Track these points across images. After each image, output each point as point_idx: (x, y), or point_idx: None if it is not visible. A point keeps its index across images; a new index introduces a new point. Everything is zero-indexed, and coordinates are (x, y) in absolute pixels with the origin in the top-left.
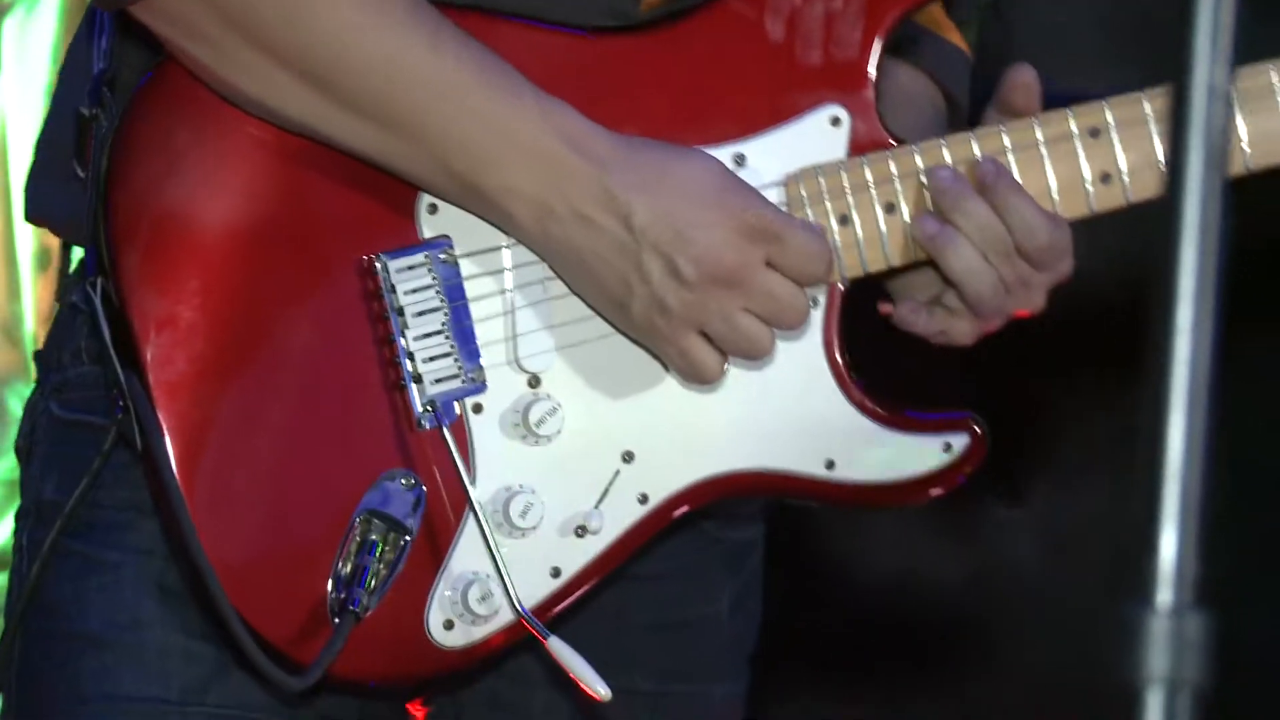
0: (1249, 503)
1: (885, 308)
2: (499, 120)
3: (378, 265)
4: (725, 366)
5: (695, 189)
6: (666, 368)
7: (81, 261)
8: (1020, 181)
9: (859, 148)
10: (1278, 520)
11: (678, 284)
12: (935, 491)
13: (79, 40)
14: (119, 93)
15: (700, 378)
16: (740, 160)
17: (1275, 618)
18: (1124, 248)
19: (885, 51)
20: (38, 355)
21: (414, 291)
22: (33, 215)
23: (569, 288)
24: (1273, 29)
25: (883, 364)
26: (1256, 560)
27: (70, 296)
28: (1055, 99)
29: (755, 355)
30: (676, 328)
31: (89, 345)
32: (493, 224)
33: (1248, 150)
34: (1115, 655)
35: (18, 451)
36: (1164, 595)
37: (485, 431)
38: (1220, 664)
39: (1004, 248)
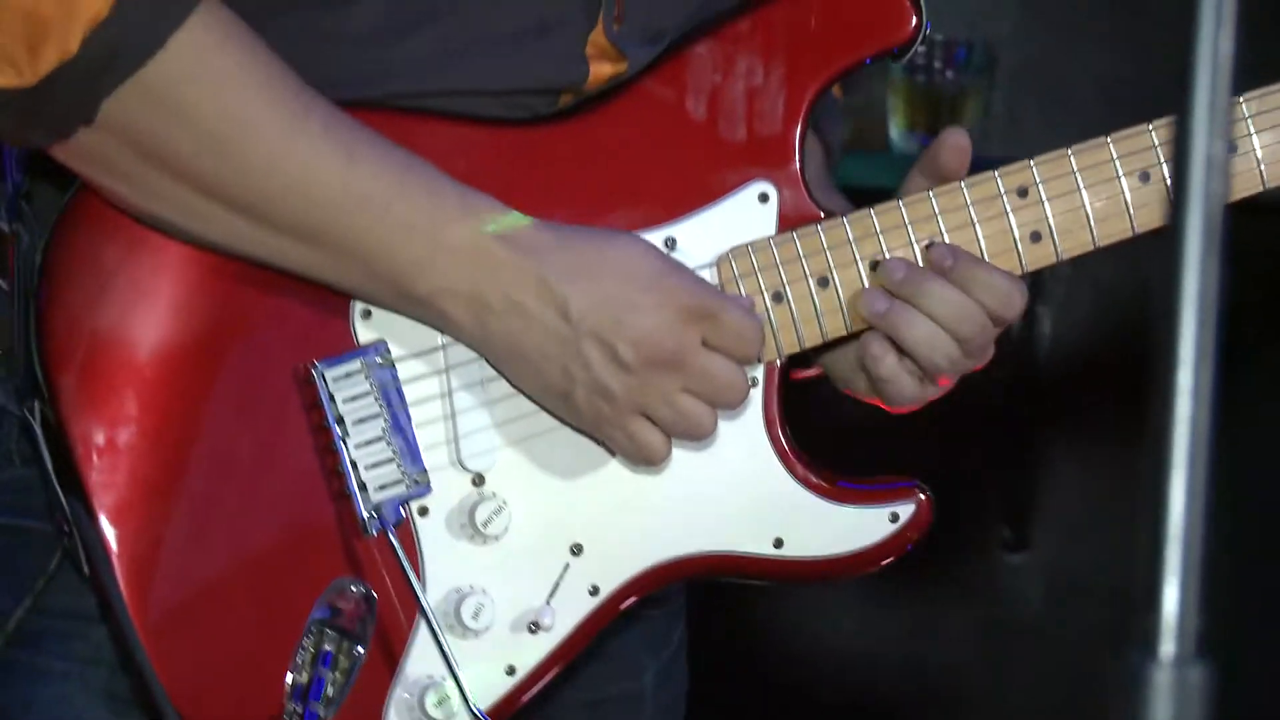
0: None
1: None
2: (423, 225)
3: (314, 374)
4: (670, 449)
5: (629, 273)
6: (612, 455)
7: (5, 368)
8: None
9: (788, 222)
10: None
11: (618, 369)
12: (885, 560)
13: None
14: (38, 208)
15: (647, 460)
16: (671, 244)
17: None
18: (1128, 314)
19: (808, 122)
20: None
21: (352, 399)
22: None
23: (510, 383)
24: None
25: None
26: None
27: None
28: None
29: (698, 436)
30: (621, 412)
31: (20, 447)
32: (429, 325)
33: (1264, 169)
34: (1119, 706)
35: None
36: (1167, 647)
37: (432, 534)
38: (1221, 714)
39: (979, 320)
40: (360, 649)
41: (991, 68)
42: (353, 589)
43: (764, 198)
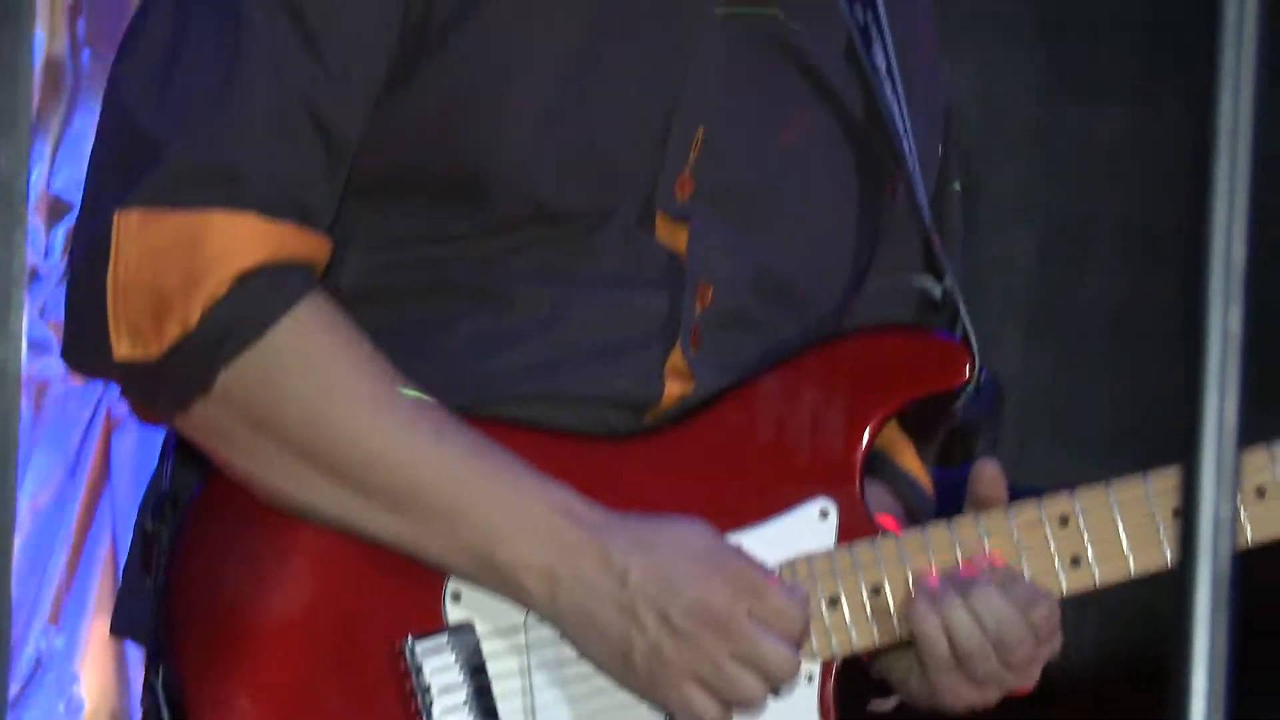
0: None
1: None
2: (504, 500)
3: (406, 648)
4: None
5: (685, 547)
6: None
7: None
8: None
9: (846, 536)
10: None
11: (671, 632)
12: None
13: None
14: (177, 507)
15: None
16: None
17: None
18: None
19: (870, 448)
20: None
21: (439, 671)
22: (115, 629)
23: (580, 652)
24: None
25: None
26: None
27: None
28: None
29: (748, 704)
30: (675, 674)
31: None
32: (508, 598)
33: (1248, 527)
34: None
35: None
36: None
37: None
38: None
39: (1020, 628)
40: None
41: (999, 402)
42: None
43: (824, 514)
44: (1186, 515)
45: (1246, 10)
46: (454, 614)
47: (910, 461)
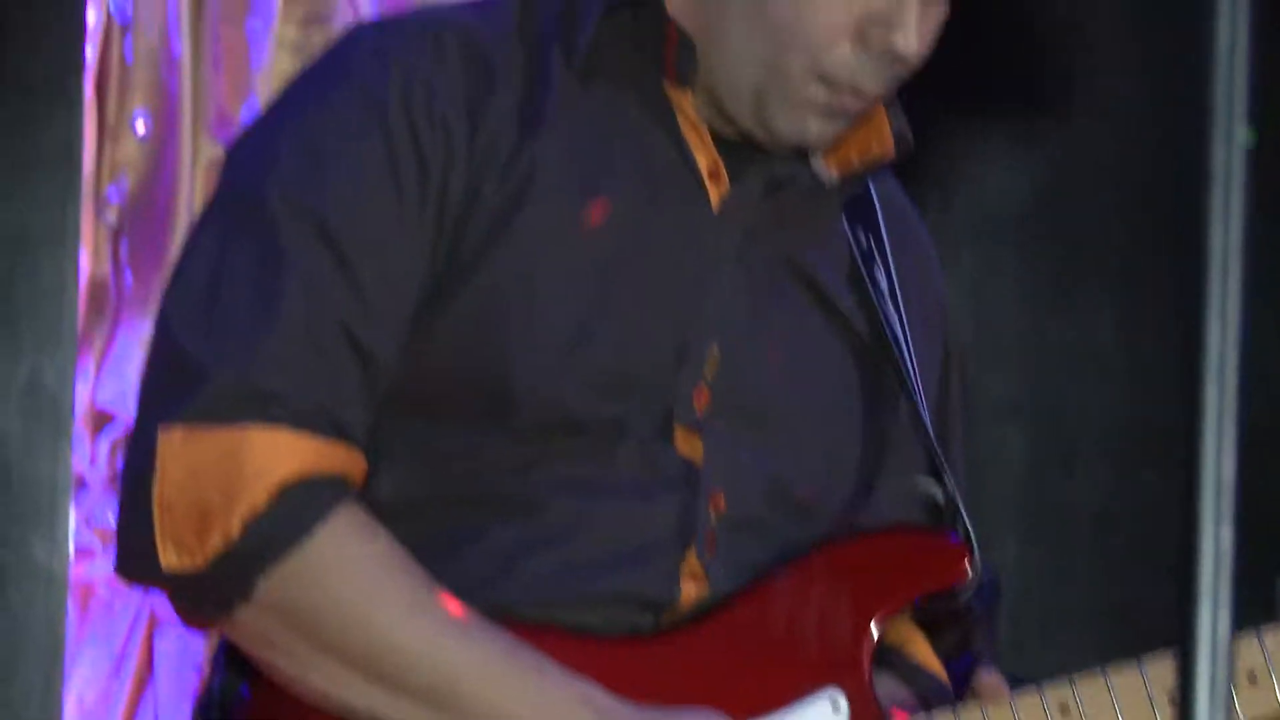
0: None
1: None
2: (533, 696)
3: None
4: None
5: None
6: None
7: None
8: None
9: None
10: None
11: None
12: None
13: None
14: (225, 709)
15: None
16: None
17: None
18: None
19: (878, 642)
20: None
21: None
22: None
23: None
24: None
25: None
26: None
27: None
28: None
29: None
30: None
31: None
32: None
33: (1241, 712)
34: None
35: None
36: None
37: None
38: None
39: None
40: None
41: (997, 596)
42: None
43: (835, 705)
44: (1182, 701)
45: (1231, 237)
46: None
47: (924, 654)
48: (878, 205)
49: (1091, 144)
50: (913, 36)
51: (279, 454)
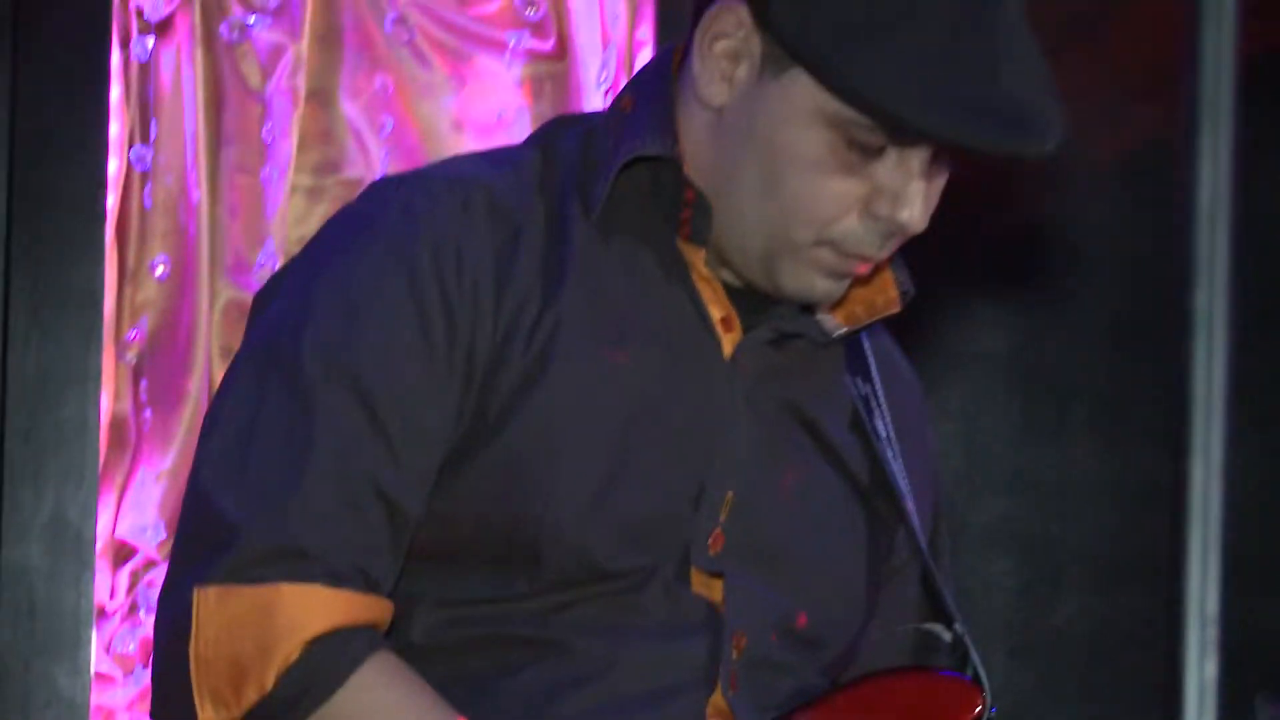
0: None
1: None
2: None
3: None
4: None
5: None
6: None
7: None
8: None
9: None
10: None
11: None
12: None
13: None
14: None
15: None
16: None
17: None
18: None
19: None
20: None
21: None
22: None
23: None
24: None
25: None
26: None
27: None
28: None
29: None
30: None
31: None
32: None
33: None
34: None
35: None
36: None
37: None
38: None
39: None
40: None
41: None
42: None
43: None
44: None
45: (1214, 380)
46: None
47: None
48: (869, 353)
49: (1074, 283)
50: (918, 210)
51: (312, 609)
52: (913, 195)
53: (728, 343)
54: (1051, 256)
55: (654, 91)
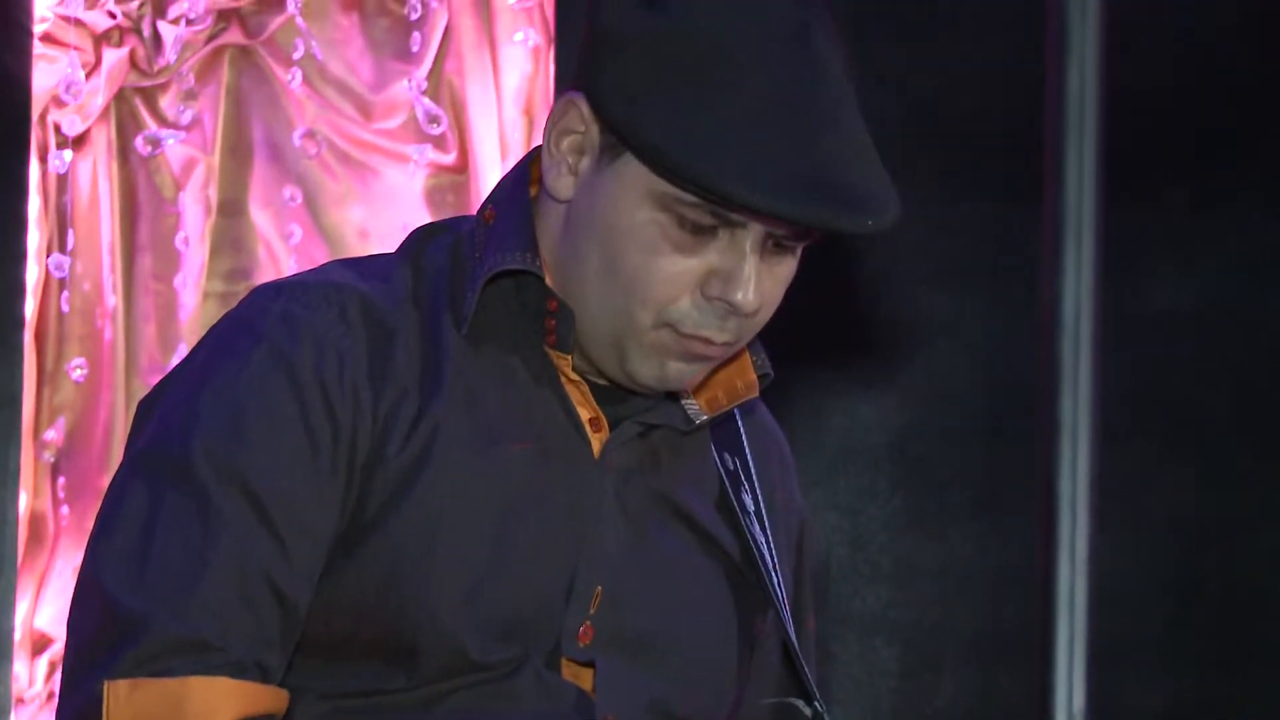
0: None
1: None
2: None
3: None
4: None
5: None
6: None
7: None
8: None
9: None
10: None
11: None
12: None
13: None
14: None
15: None
16: None
17: None
18: None
19: None
20: None
21: None
22: None
23: None
24: None
25: None
26: None
27: None
28: None
29: None
30: None
31: None
32: None
33: None
34: None
35: None
36: None
37: None
38: None
39: None
40: None
41: None
42: None
43: None
44: None
45: (1079, 483)
46: None
47: None
48: (741, 427)
49: (948, 377)
50: (751, 292)
51: (218, 700)
52: (745, 276)
53: (596, 442)
54: (933, 356)
55: (514, 201)
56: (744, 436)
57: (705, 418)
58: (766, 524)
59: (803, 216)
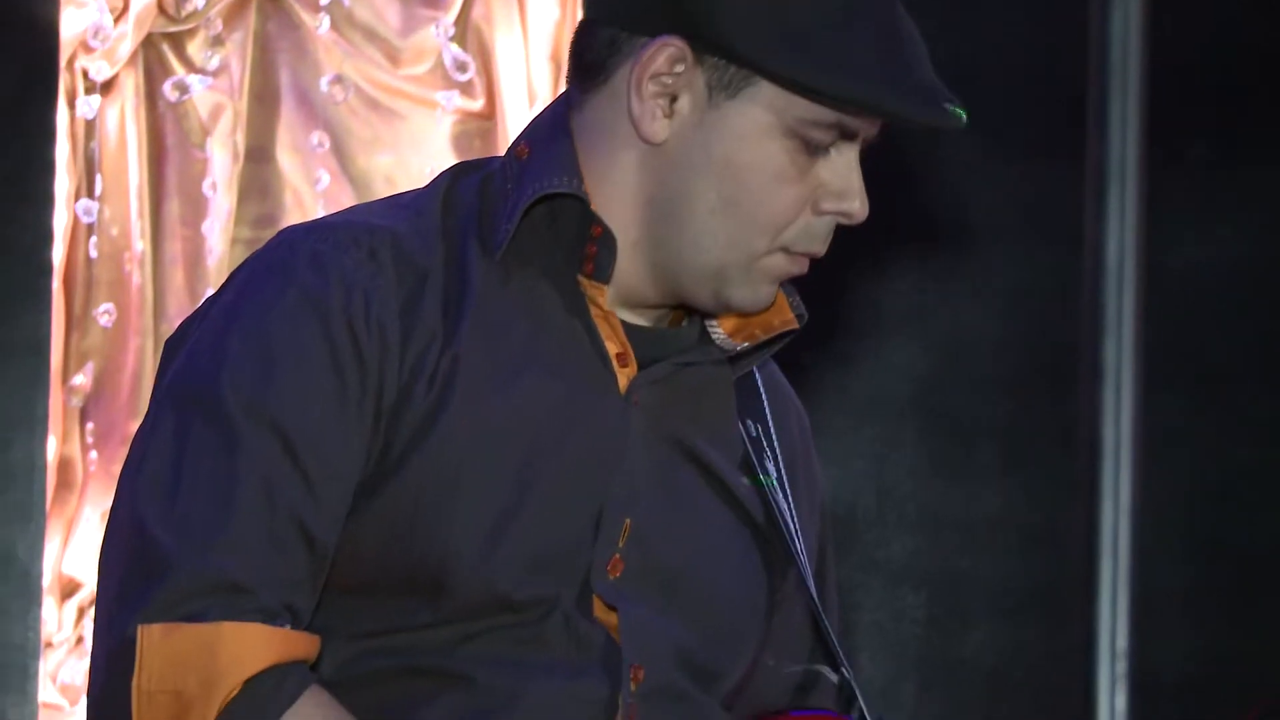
0: None
1: None
2: None
3: None
4: None
5: None
6: None
7: None
8: None
9: None
10: None
11: None
12: None
13: None
14: None
15: None
16: None
17: None
18: None
19: None
20: None
21: None
22: None
23: None
24: None
25: None
26: None
27: None
28: None
29: None
30: None
31: None
32: None
33: None
34: None
35: None
36: None
37: None
38: None
39: None
40: None
41: None
42: None
43: None
44: None
45: (1122, 428)
46: None
47: None
48: (763, 393)
49: (979, 323)
50: (864, 201)
51: (251, 647)
52: (858, 186)
53: (623, 377)
54: (964, 306)
55: (553, 137)
56: (765, 402)
57: (744, 346)
58: (788, 491)
59: (938, 119)
